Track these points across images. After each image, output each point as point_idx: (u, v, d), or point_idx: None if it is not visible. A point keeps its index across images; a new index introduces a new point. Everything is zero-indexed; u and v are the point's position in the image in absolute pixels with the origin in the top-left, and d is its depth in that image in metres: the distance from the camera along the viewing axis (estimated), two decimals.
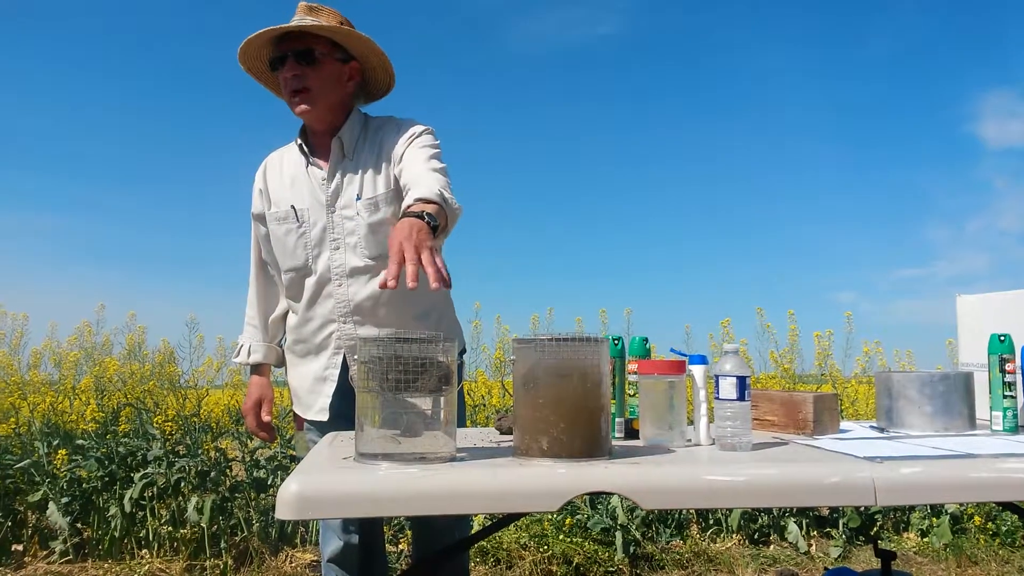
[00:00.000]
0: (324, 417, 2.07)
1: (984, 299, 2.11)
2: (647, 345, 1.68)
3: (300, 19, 1.98)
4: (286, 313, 2.21)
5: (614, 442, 1.52)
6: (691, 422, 1.60)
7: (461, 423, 2.13)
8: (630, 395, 1.65)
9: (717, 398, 1.48)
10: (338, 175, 2.03)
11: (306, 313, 2.07)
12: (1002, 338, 1.77)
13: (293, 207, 2.03)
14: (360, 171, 2.02)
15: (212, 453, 4.08)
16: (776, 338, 4.74)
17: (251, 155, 2.22)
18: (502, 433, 1.76)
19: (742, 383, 1.46)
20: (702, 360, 1.59)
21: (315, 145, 2.09)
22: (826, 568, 3.75)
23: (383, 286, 1.38)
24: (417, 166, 1.91)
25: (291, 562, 3.76)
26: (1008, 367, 1.76)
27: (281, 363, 2.25)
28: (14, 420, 4.13)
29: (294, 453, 4.21)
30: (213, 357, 4.64)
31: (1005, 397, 1.75)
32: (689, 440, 1.57)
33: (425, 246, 1.47)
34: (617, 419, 1.64)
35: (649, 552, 3.87)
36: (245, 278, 2.25)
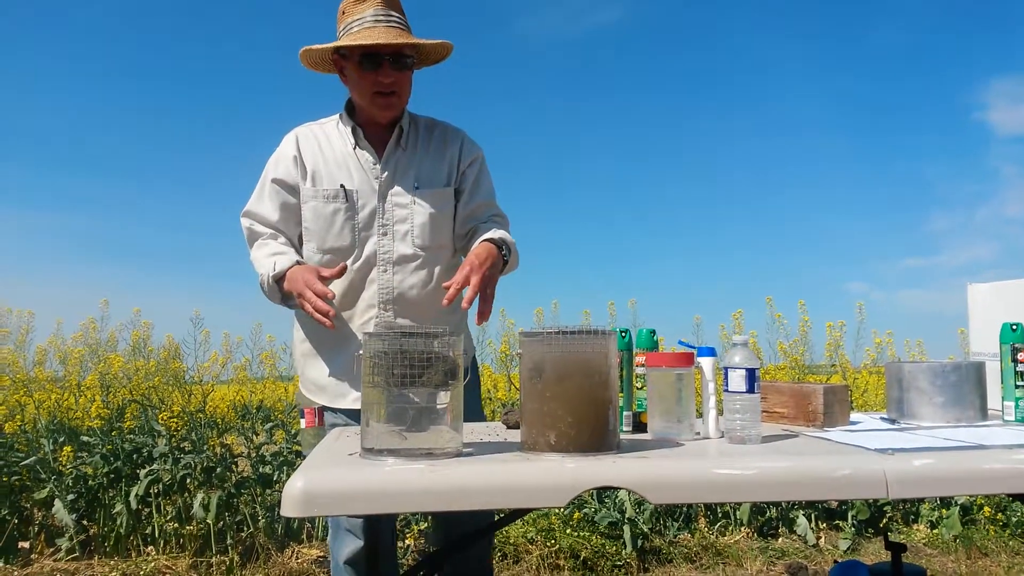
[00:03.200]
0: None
1: (996, 287, 2.08)
2: (655, 337, 1.66)
3: (387, 17, 1.98)
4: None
5: (622, 436, 1.51)
6: (700, 415, 1.59)
7: (480, 419, 2.12)
8: (638, 388, 1.64)
9: (726, 390, 1.47)
10: (392, 162, 2.06)
11: (344, 298, 2.02)
12: (1014, 327, 1.75)
13: (343, 187, 2.02)
14: (416, 163, 2.08)
15: (218, 449, 4.08)
16: (786, 329, 4.71)
17: (255, 151, 2.19)
18: (509, 427, 1.75)
19: (751, 375, 1.45)
20: (711, 352, 1.57)
21: (364, 131, 2.09)
22: (835, 561, 3.73)
23: (447, 302, 1.78)
24: (489, 212, 2.14)
25: (297, 558, 3.75)
26: (1020, 357, 1.73)
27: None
28: (20, 417, 4.12)
29: (299, 449, 4.21)
30: (219, 353, 4.63)
31: (1017, 387, 1.73)
32: (698, 433, 1.55)
33: (492, 281, 1.84)
34: (625, 412, 1.62)
35: (657, 546, 3.86)
36: (247, 274, 2.14)
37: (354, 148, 2.06)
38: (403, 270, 2.02)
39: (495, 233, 1.99)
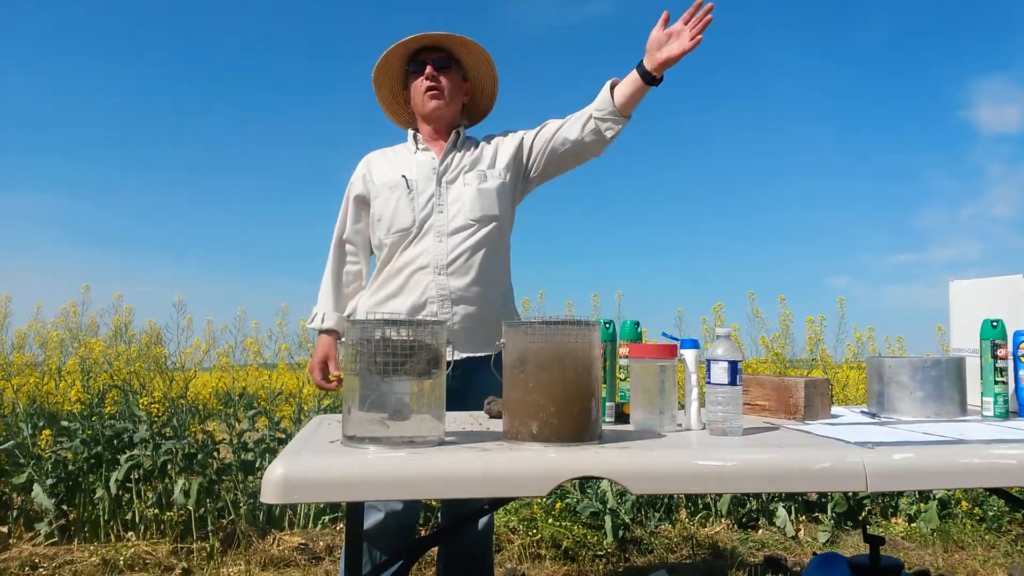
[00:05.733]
0: None
1: (976, 284, 2.10)
2: (638, 329, 1.67)
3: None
4: (356, 291, 2.43)
5: (604, 426, 1.51)
6: (682, 407, 1.59)
7: None
8: (621, 379, 1.64)
9: (708, 383, 1.47)
10: (449, 158, 2.37)
11: (404, 266, 2.27)
12: (994, 323, 1.76)
13: (404, 176, 2.33)
14: (468, 157, 2.38)
15: (199, 435, 4.06)
16: (767, 323, 4.72)
17: (238, 139, 2.20)
18: (491, 417, 1.74)
19: (734, 368, 1.45)
20: (694, 344, 1.58)
21: (426, 140, 2.43)
22: (814, 553, 3.77)
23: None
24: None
25: (279, 545, 3.74)
26: (1000, 353, 1.75)
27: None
28: None
29: (281, 436, 4.19)
30: (201, 339, 4.59)
31: (996, 383, 1.74)
32: (680, 425, 1.56)
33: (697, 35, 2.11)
34: (608, 403, 1.62)
35: (638, 536, 3.88)
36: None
37: (415, 152, 2.40)
38: (455, 239, 2.26)
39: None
